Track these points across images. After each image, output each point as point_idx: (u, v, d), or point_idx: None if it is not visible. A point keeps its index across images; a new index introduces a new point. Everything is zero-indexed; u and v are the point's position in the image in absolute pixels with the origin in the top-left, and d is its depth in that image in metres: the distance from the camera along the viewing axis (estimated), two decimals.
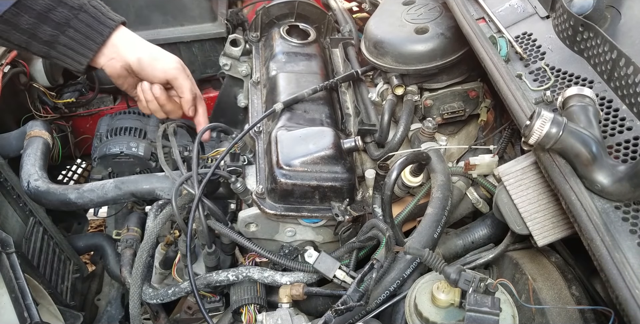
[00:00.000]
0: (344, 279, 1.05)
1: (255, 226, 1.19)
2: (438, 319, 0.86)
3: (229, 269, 1.17)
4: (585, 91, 0.87)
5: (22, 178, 1.35)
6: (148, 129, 1.67)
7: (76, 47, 1.21)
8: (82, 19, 1.20)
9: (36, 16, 1.16)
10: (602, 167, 0.78)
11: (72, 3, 1.19)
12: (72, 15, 1.19)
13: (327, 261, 1.07)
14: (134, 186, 1.31)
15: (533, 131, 0.80)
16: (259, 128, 1.34)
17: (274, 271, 1.15)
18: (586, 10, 0.96)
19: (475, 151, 1.33)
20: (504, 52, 1.08)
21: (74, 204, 1.31)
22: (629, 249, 0.70)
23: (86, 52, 1.22)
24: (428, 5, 1.41)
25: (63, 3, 1.18)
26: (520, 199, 0.94)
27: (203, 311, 1.10)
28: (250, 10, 2.14)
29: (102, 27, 1.22)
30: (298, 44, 1.58)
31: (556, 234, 0.93)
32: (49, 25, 1.18)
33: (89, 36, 1.21)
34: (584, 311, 0.89)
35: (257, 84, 1.53)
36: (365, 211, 1.17)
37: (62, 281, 1.46)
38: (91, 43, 1.21)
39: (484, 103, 1.38)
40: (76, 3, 1.20)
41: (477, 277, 0.83)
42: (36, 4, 1.15)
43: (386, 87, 1.39)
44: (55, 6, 1.17)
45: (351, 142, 1.18)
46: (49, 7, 1.17)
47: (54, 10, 1.17)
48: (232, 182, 1.18)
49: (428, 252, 0.91)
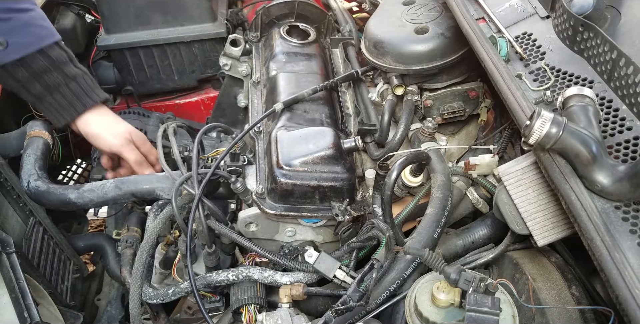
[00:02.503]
0: (344, 279, 1.05)
1: (255, 226, 1.19)
2: (438, 319, 0.86)
3: (229, 269, 1.17)
4: (585, 91, 0.87)
5: (22, 178, 1.35)
6: (148, 129, 1.67)
7: (58, 109, 1.34)
8: (72, 88, 1.33)
9: (32, 73, 1.27)
10: (602, 167, 0.78)
11: (68, 71, 1.32)
12: (63, 82, 1.31)
13: (327, 261, 1.07)
14: (134, 186, 1.31)
15: (533, 131, 0.80)
16: (259, 128, 1.34)
17: (274, 271, 1.15)
18: (586, 10, 0.96)
19: (475, 151, 1.33)
20: (504, 52, 1.08)
21: (74, 204, 1.31)
22: (629, 249, 0.70)
23: (66, 116, 1.36)
24: (428, 5, 1.41)
25: (60, 69, 1.31)
26: (520, 199, 0.94)
27: (203, 311, 1.10)
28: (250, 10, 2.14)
29: (86, 100, 1.36)
30: (298, 44, 1.58)
31: (556, 234, 0.93)
32: (40, 84, 1.29)
33: (73, 104, 1.35)
34: (584, 311, 0.89)
35: (257, 84, 1.53)
36: (365, 211, 1.17)
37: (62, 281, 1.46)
38: (72, 110, 1.36)
39: (484, 103, 1.38)
40: (71, 72, 1.33)
41: (477, 277, 0.83)
42: (35, 63, 1.26)
43: (386, 87, 1.39)
44: (52, 70, 1.29)
45: (351, 142, 1.18)
46: (46, 69, 1.28)
47: (49, 73, 1.29)
48: (232, 182, 1.18)
49: (428, 252, 0.91)
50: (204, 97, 2.05)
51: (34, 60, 1.25)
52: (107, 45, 1.88)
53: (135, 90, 2.00)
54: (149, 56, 1.92)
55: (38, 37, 1.25)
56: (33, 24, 1.25)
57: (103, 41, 1.88)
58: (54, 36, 1.30)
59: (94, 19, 2.10)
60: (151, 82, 2.00)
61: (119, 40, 1.87)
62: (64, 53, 1.31)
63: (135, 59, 1.92)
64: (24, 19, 1.22)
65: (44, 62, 1.26)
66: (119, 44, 1.87)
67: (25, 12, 1.24)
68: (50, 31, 1.30)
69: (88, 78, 1.36)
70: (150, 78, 1.99)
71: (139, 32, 1.87)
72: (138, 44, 1.88)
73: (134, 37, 1.87)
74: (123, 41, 1.87)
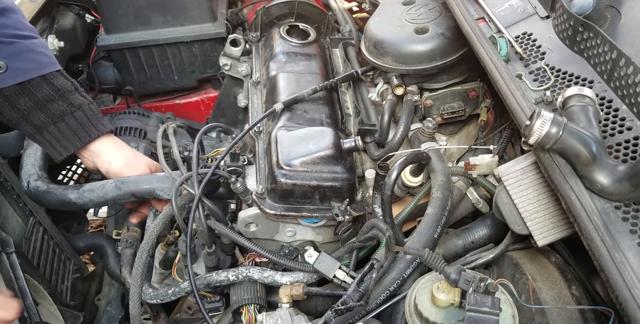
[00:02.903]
0: (344, 279, 1.05)
1: (255, 226, 1.19)
2: (438, 319, 0.86)
3: (229, 269, 1.17)
4: (585, 91, 0.87)
5: (22, 178, 1.35)
6: (148, 129, 1.67)
7: (61, 140, 1.29)
8: (78, 117, 1.28)
9: (35, 102, 1.22)
10: (602, 167, 0.78)
11: (73, 100, 1.27)
12: (69, 111, 1.27)
13: (327, 261, 1.07)
14: (134, 186, 1.31)
15: (533, 131, 0.80)
16: (259, 128, 1.34)
17: (274, 271, 1.15)
18: (586, 10, 0.96)
19: (475, 151, 1.33)
20: (504, 52, 1.08)
21: (73, 204, 1.31)
22: (629, 249, 0.70)
23: (69, 147, 1.30)
24: (428, 5, 1.41)
25: (65, 98, 1.26)
26: (520, 199, 0.94)
27: (203, 311, 1.10)
28: (250, 10, 2.14)
29: (92, 130, 1.31)
30: (298, 44, 1.58)
31: (556, 234, 0.93)
32: (44, 113, 1.24)
33: (78, 134, 1.29)
34: (584, 311, 0.89)
35: (257, 84, 1.53)
36: (365, 211, 1.17)
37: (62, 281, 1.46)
38: (77, 141, 1.30)
39: (484, 103, 1.38)
40: (77, 101, 1.28)
41: (477, 277, 0.83)
42: (40, 91, 1.22)
43: (386, 87, 1.39)
44: (57, 98, 1.25)
45: (351, 142, 1.18)
46: (51, 98, 1.24)
47: (54, 101, 1.25)
48: (232, 182, 1.18)
49: (428, 252, 0.91)
50: (204, 97, 2.05)
51: (38, 89, 1.21)
52: (107, 45, 1.88)
53: (135, 90, 2.00)
54: (149, 56, 1.92)
55: (39, 63, 1.22)
56: (34, 50, 1.21)
57: (103, 41, 1.88)
58: (56, 65, 1.26)
59: (94, 19, 2.10)
60: (151, 82, 2.00)
61: (119, 40, 1.87)
62: (68, 82, 1.27)
63: (135, 59, 1.93)
64: (25, 45, 1.19)
65: (48, 90, 1.22)
66: (119, 44, 1.88)
67: (28, 38, 1.21)
68: (52, 60, 1.26)
69: (94, 107, 1.32)
70: (150, 78, 1.99)
71: (139, 32, 1.88)
72: (138, 44, 1.88)
73: (134, 37, 1.87)
74: (123, 41, 1.87)
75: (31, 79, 1.20)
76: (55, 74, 1.25)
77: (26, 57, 1.20)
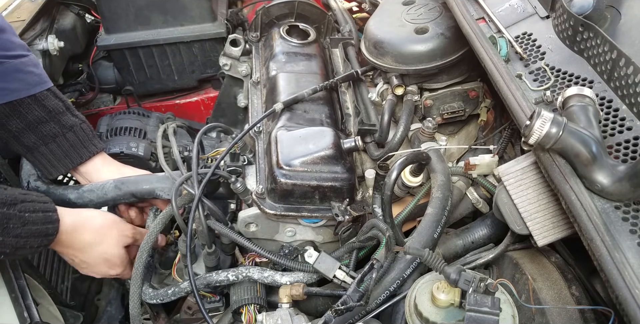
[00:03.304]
0: (344, 279, 1.05)
1: (255, 226, 1.19)
2: (438, 319, 0.86)
3: (228, 269, 1.17)
4: (585, 90, 0.87)
5: (22, 178, 1.35)
6: (148, 129, 1.67)
7: (53, 161, 1.28)
8: (69, 138, 1.27)
9: (27, 124, 1.22)
10: (602, 167, 0.78)
11: (64, 121, 1.26)
12: (60, 133, 1.26)
13: (327, 261, 1.07)
14: (134, 186, 1.31)
15: (533, 131, 0.80)
16: (259, 128, 1.34)
17: (273, 271, 1.15)
18: (586, 10, 0.96)
19: (475, 151, 1.33)
20: (504, 52, 1.08)
21: (73, 204, 1.31)
22: (629, 249, 0.70)
23: (60, 167, 1.29)
24: (428, 5, 1.41)
25: (56, 120, 1.25)
26: (520, 199, 0.94)
27: (203, 311, 1.10)
28: (250, 10, 2.14)
29: (83, 151, 1.30)
30: (298, 44, 1.58)
31: (556, 234, 0.93)
32: (35, 135, 1.24)
33: (69, 155, 1.29)
34: (584, 311, 0.89)
35: (257, 84, 1.53)
36: (365, 211, 1.17)
37: (62, 281, 1.46)
38: (69, 162, 1.29)
39: (484, 103, 1.38)
40: (68, 123, 1.27)
41: (477, 277, 0.83)
42: (31, 113, 1.21)
43: (386, 87, 1.39)
44: (48, 120, 1.24)
45: (351, 142, 1.18)
46: (42, 119, 1.23)
47: (45, 123, 1.24)
48: (232, 182, 1.18)
49: (428, 252, 0.91)
50: (204, 97, 2.05)
51: (29, 110, 1.20)
52: (107, 45, 1.88)
53: (135, 90, 2.00)
54: (149, 56, 1.92)
55: (27, 83, 1.20)
56: (23, 70, 1.20)
57: (103, 41, 1.88)
58: (46, 83, 1.25)
59: (94, 19, 2.10)
60: (151, 82, 2.00)
61: (119, 40, 1.87)
62: (59, 102, 1.26)
63: (135, 59, 1.92)
64: (14, 65, 1.18)
65: (39, 112, 1.21)
66: (119, 44, 1.88)
67: (17, 58, 1.19)
68: (42, 78, 1.24)
69: (86, 126, 1.31)
70: (150, 78, 1.99)
71: (139, 32, 1.88)
72: (138, 44, 1.88)
73: (134, 37, 1.87)
74: (123, 41, 1.87)
75: (21, 100, 1.19)
76: (46, 94, 1.24)
77: (14, 78, 1.18)
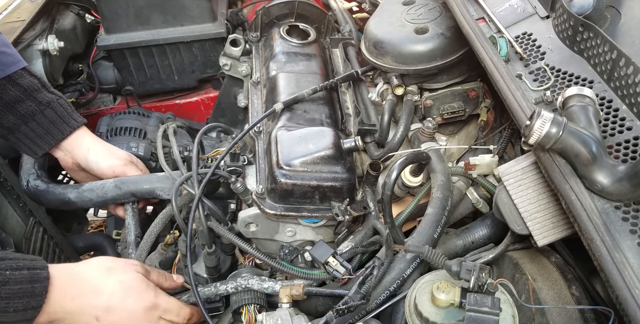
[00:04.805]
0: (335, 267, 1.04)
1: (255, 226, 1.19)
2: (438, 319, 0.86)
3: (227, 282, 1.16)
4: (585, 91, 0.87)
5: (21, 177, 1.35)
6: (148, 129, 1.67)
7: (35, 139, 1.28)
8: (47, 114, 1.27)
9: (3, 105, 1.22)
10: (602, 167, 0.78)
11: (41, 98, 1.26)
12: (38, 110, 1.26)
13: (322, 248, 1.06)
14: (134, 186, 1.31)
15: (533, 131, 0.80)
16: (259, 128, 1.34)
17: (272, 281, 1.14)
18: (586, 10, 0.96)
19: (475, 151, 1.33)
20: (504, 52, 1.08)
21: (73, 203, 1.31)
22: (629, 249, 0.70)
23: (43, 145, 1.30)
24: (428, 5, 1.41)
25: (32, 97, 1.25)
26: (520, 199, 0.94)
27: (203, 311, 1.10)
28: (250, 10, 2.14)
29: (63, 126, 1.30)
30: (298, 44, 1.58)
31: (556, 234, 0.93)
32: (13, 115, 1.24)
33: (50, 132, 1.29)
34: (584, 311, 0.89)
35: (257, 84, 1.53)
36: (365, 211, 1.17)
37: None
38: (50, 138, 1.30)
39: (484, 103, 1.38)
40: (45, 99, 1.27)
41: (478, 265, 0.83)
42: (6, 93, 1.21)
43: (386, 87, 1.39)
44: (24, 99, 1.24)
45: (351, 142, 1.18)
46: (18, 99, 1.23)
47: (22, 102, 1.24)
48: (232, 182, 1.18)
49: (428, 249, 0.91)
50: (204, 97, 2.05)
51: (4, 91, 1.20)
52: (107, 45, 1.88)
53: (135, 90, 2.00)
54: (149, 56, 1.92)
55: (2, 64, 1.20)
56: None
57: (103, 41, 1.88)
58: (19, 63, 1.24)
59: (94, 19, 2.10)
60: (151, 82, 2.00)
61: (119, 40, 1.87)
62: (34, 80, 1.26)
63: (135, 59, 1.93)
64: None
65: (14, 91, 1.21)
66: (119, 44, 1.88)
67: None
68: (15, 58, 1.24)
69: (63, 101, 1.31)
70: (150, 78, 1.99)
71: (139, 32, 1.88)
72: (138, 44, 1.88)
73: (134, 37, 1.87)
74: (123, 41, 1.87)
75: None
76: (20, 72, 1.24)
77: None
